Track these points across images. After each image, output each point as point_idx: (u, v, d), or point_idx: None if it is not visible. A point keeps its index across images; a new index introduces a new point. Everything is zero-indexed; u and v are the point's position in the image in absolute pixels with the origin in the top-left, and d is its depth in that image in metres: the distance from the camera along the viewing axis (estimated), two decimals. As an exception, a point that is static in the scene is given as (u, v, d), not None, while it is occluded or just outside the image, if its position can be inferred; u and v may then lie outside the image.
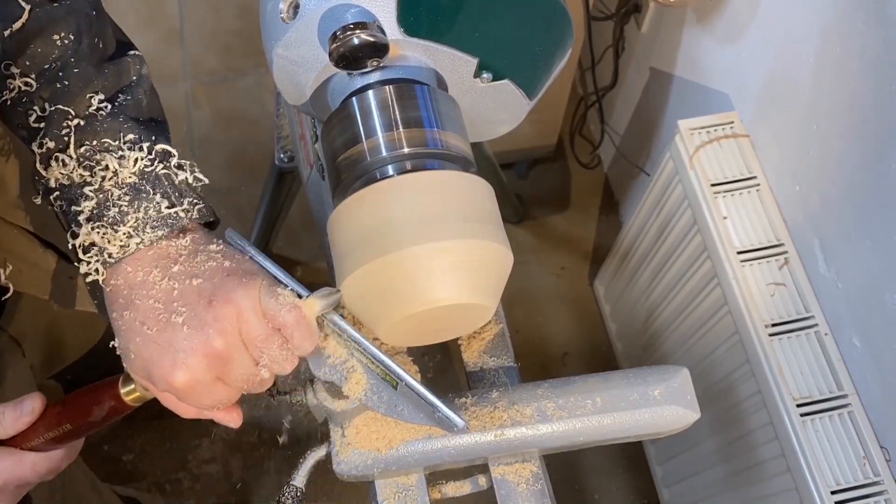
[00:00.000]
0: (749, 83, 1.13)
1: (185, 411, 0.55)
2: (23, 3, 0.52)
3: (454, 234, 0.51)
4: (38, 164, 0.53)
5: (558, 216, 1.93)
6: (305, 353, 0.53)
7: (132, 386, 0.55)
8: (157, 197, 0.53)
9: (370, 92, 0.57)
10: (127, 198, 0.52)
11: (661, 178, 1.22)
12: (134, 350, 0.51)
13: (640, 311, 1.48)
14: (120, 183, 0.52)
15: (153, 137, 0.55)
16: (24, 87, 0.53)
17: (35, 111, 0.53)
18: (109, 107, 0.54)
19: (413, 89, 0.57)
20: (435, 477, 0.69)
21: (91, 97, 0.54)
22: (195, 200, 0.55)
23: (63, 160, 0.52)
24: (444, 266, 0.51)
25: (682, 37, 1.34)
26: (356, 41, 0.52)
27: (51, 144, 0.53)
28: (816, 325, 1.02)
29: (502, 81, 0.60)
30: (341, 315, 0.55)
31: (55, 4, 0.54)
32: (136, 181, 0.52)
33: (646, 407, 0.65)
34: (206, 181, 0.56)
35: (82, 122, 0.53)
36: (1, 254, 0.68)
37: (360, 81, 0.58)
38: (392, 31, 0.54)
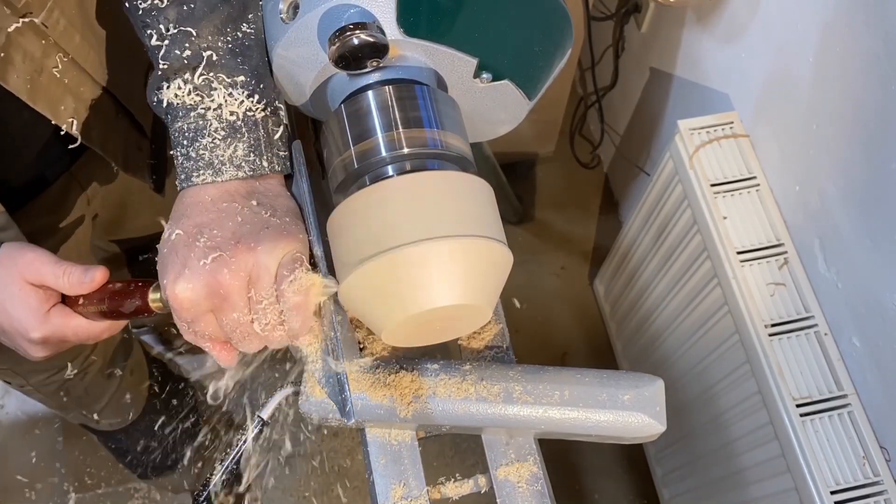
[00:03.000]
0: (749, 83, 1.13)
1: (184, 333, 0.57)
2: None
3: (454, 234, 0.51)
4: (159, 78, 0.57)
5: (558, 216, 1.93)
6: (296, 338, 0.56)
7: (158, 294, 0.59)
8: (249, 141, 0.57)
9: (370, 92, 0.57)
10: (222, 133, 0.56)
11: (660, 178, 1.22)
12: (159, 256, 0.56)
13: (640, 311, 1.48)
14: (221, 117, 0.56)
15: (261, 85, 0.58)
16: (153, 2, 0.56)
17: (160, 30, 0.56)
18: (230, 42, 0.57)
19: (413, 89, 0.57)
20: (435, 477, 0.69)
21: (214, 30, 0.57)
22: (281, 152, 0.59)
23: (179, 84, 0.56)
24: (444, 266, 0.51)
25: (681, 37, 1.34)
26: (356, 41, 0.52)
27: (171, 64, 0.56)
28: (816, 325, 1.02)
29: (502, 82, 0.60)
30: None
31: None
32: (236, 121, 0.56)
33: (611, 409, 0.65)
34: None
35: (203, 53, 0.56)
36: (73, 103, 0.71)
37: (359, 82, 0.58)
38: (392, 31, 0.54)
